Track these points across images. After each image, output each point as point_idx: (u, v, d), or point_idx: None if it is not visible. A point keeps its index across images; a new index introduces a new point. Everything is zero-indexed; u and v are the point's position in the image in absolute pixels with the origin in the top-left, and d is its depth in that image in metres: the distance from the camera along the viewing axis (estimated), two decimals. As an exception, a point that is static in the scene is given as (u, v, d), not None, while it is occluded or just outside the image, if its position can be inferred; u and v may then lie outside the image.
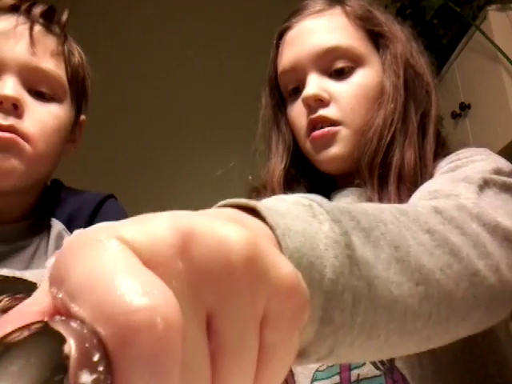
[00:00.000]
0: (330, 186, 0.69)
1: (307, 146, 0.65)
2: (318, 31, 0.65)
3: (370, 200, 0.60)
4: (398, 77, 0.64)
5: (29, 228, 0.60)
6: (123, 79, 2.15)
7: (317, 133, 0.63)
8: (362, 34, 0.66)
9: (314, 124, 0.63)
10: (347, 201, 0.64)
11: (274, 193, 0.66)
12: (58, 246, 0.57)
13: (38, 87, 0.59)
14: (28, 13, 0.61)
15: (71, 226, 0.60)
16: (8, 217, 0.59)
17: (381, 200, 0.60)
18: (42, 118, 0.58)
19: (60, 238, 0.58)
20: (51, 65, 0.60)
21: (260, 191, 0.70)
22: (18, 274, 0.50)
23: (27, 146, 0.56)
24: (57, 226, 0.59)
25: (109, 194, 0.67)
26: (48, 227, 0.60)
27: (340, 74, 0.64)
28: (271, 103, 0.72)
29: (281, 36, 0.70)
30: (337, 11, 0.66)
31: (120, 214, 0.63)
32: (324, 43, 0.64)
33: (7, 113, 0.55)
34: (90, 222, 0.60)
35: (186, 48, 2.25)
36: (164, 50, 2.26)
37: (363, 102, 0.63)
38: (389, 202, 0.59)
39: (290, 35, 0.67)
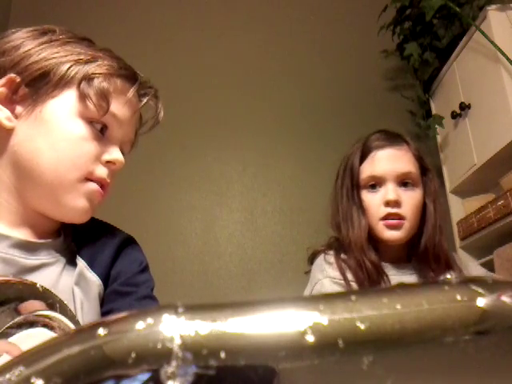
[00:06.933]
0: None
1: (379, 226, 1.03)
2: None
3: None
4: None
5: (57, 246, 0.65)
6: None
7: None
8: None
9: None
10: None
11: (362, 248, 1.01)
12: (78, 281, 0.63)
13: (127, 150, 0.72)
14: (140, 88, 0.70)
15: (94, 266, 0.66)
16: (41, 234, 0.65)
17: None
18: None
19: (82, 275, 0.64)
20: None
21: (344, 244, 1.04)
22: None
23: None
24: (80, 264, 0.65)
25: (128, 237, 0.73)
26: (73, 254, 0.66)
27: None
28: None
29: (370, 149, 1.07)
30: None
31: (140, 258, 0.72)
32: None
33: (112, 173, 0.67)
34: (111, 265, 0.68)
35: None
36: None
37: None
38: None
39: (380, 153, 1.05)
